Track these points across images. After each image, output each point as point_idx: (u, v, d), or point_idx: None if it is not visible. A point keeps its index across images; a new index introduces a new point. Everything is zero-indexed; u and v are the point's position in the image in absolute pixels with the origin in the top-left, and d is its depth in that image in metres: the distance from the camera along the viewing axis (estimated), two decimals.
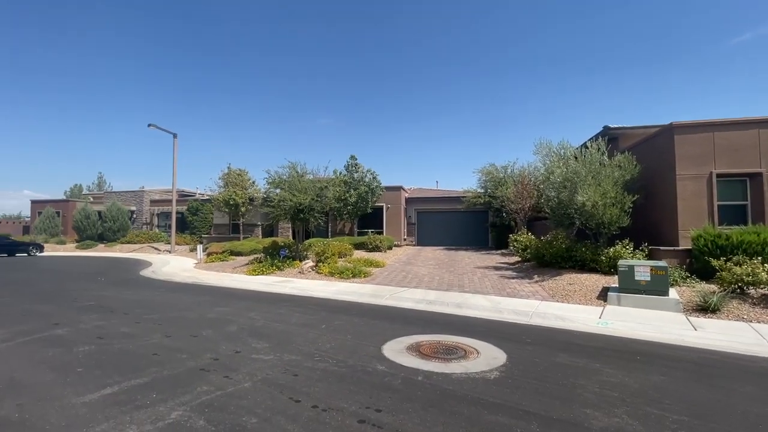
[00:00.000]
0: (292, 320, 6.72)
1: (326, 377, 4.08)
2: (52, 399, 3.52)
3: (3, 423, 3.09)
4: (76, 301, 8.29)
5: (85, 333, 5.75)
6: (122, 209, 30.07)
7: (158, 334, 5.71)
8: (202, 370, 4.26)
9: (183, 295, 9.48)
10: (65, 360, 4.57)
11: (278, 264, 13.50)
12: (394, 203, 23.92)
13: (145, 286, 11.07)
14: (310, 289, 9.91)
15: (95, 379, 3.97)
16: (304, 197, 13.32)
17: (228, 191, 23.94)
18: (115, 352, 4.89)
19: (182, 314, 7.17)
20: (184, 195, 34.17)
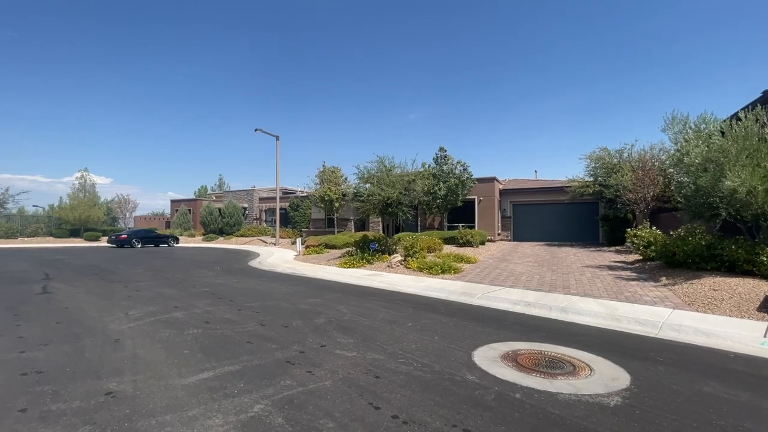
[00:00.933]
0: (378, 316, 6.55)
1: (409, 383, 3.74)
2: (159, 378, 3.83)
3: (121, 396, 3.42)
4: (194, 287, 9.40)
5: (196, 317, 6.36)
6: (237, 206, 34.09)
7: (254, 322, 6.04)
8: (288, 362, 4.28)
9: (281, 285, 10.10)
10: (176, 341, 5.04)
11: (368, 257, 13.68)
12: (487, 196, 22.60)
13: (251, 275, 12.15)
14: (398, 284, 9.73)
15: (196, 363, 4.26)
16: (392, 191, 13.22)
17: (323, 188, 25.30)
18: (216, 337, 5.26)
19: (278, 304, 7.55)
20: (287, 193, 37.33)
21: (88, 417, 3.06)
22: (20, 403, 3.30)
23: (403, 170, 14.50)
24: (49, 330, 5.59)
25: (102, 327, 5.75)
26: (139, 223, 44.98)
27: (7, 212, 33.61)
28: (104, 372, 3.99)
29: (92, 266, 14.08)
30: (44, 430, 2.88)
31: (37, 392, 3.50)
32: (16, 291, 8.78)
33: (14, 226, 31.63)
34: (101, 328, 5.68)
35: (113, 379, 3.81)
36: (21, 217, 33.65)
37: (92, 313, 6.70)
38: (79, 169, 36.44)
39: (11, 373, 3.96)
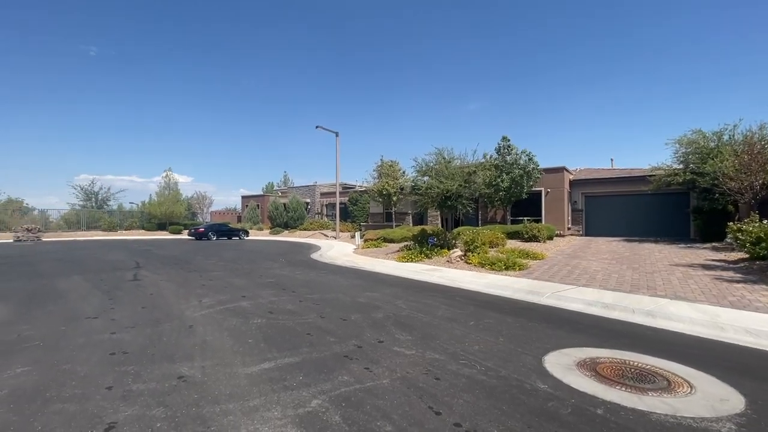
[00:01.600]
0: (437, 312, 6.31)
1: (472, 387, 3.47)
2: (225, 365, 3.97)
3: (191, 381, 3.59)
4: (261, 278, 9.88)
5: (261, 307, 6.62)
6: (300, 201, 35.62)
7: (314, 314, 6.12)
8: (346, 357, 4.22)
9: (340, 277, 10.25)
10: (242, 330, 5.25)
11: (426, 252, 13.41)
12: (555, 187, 21.06)
13: (312, 267, 12.52)
14: (458, 280, 9.36)
15: (259, 352, 4.37)
16: (452, 184, 12.78)
17: (381, 182, 25.41)
18: (278, 327, 5.40)
19: (337, 296, 7.62)
20: (346, 188, 38.20)
21: (162, 399, 3.23)
22: (107, 381, 3.59)
23: (462, 162, 13.96)
24: (136, 314, 6.15)
25: (179, 313, 6.21)
26: (214, 217, 49.07)
27: (109, 208, 38.55)
28: (178, 356, 4.24)
29: (174, 256, 15.52)
30: (124, 408, 3.09)
31: (121, 372, 3.81)
32: (113, 277, 9.90)
33: (114, 220, 36.20)
34: (178, 314, 6.13)
35: (185, 364, 4.03)
36: (120, 212, 38.42)
37: (171, 299, 7.29)
38: (164, 170, 40.64)
39: (103, 353, 4.37)
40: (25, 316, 6.08)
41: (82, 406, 3.13)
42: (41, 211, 34.86)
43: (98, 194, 39.39)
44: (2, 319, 5.89)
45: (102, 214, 36.86)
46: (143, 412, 3.02)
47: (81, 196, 38.94)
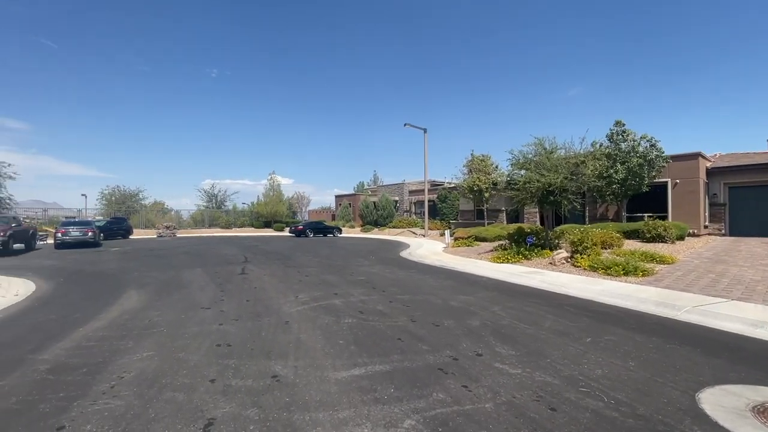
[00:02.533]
0: (544, 323, 5.51)
1: (602, 426, 2.78)
2: (316, 368, 3.88)
3: (284, 381, 3.56)
4: (352, 275, 10.01)
5: (352, 306, 6.57)
6: (389, 200, 36.13)
7: (405, 317, 5.83)
8: (440, 369, 3.82)
9: (430, 277, 9.85)
10: (333, 330, 5.20)
11: (524, 252, 12.25)
12: (687, 177, 17.62)
13: (401, 266, 12.35)
14: (565, 285, 8.24)
15: (349, 356, 4.21)
16: (555, 176, 11.42)
17: (472, 178, 24.30)
18: (369, 329, 5.23)
19: (428, 298, 7.25)
20: (435, 185, 37.63)
21: (256, 399, 3.22)
22: (212, 373, 3.76)
23: (568, 151, 12.40)
24: (241, 307, 6.59)
25: (277, 308, 6.48)
26: (311, 216, 52.68)
27: (225, 208, 44.04)
28: (274, 353, 4.31)
29: (276, 252, 16.83)
30: (223, 404, 3.14)
31: (224, 365, 3.97)
32: (225, 271, 11.00)
33: (230, 218, 41.29)
34: (276, 309, 6.39)
35: (279, 362, 4.05)
36: (234, 212, 43.66)
37: (272, 293, 7.71)
38: (269, 173, 45.01)
39: (211, 344, 4.66)
40: (156, 303, 6.95)
41: (188, 396, 3.28)
42: (176, 211, 41.48)
43: (217, 196, 45.26)
44: (142, 305, 6.81)
45: (220, 213, 42.27)
46: (239, 411, 3.03)
47: (204, 198, 45.20)
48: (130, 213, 36.65)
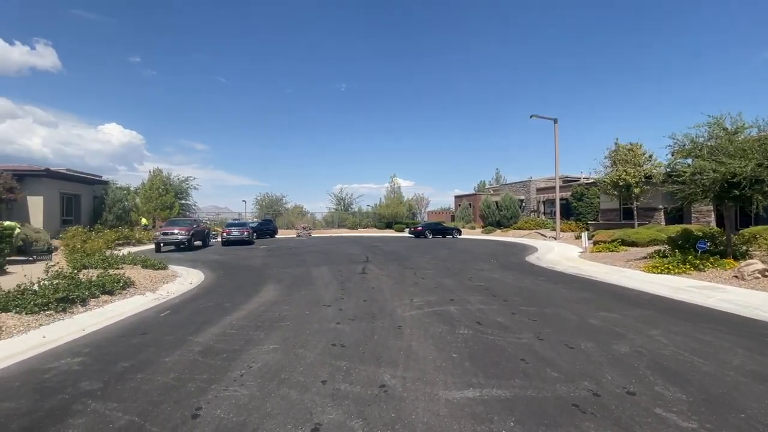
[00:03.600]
0: (730, 359, 4.11)
1: None
2: (425, 382, 3.58)
3: (391, 393, 3.36)
4: (470, 280, 9.42)
5: (469, 315, 6.08)
6: (513, 199, 33.71)
7: (530, 333, 5.08)
8: (575, 406, 3.10)
9: (562, 287, 8.59)
10: (447, 340, 4.83)
11: (694, 261, 9.73)
12: None
13: (527, 272, 11.16)
14: (761, 308, 6.15)
15: (463, 373, 3.79)
16: (742, 164, 8.71)
17: (616, 171, 20.81)
18: (486, 343, 4.69)
19: (559, 312, 6.26)
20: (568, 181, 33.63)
21: (362, 409, 3.09)
22: (324, 374, 3.81)
23: (762, 130, 9.38)
24: (358, 307, 6.75)
25: (391, 311, 6.42)
26: (430, 217, 52.91)
27: (352, 210, 47.57)
28: (384, 359, 4.18)
29: (395, 252, 17.20)
30: (330, 409, 3.10)
31: (336, 367, 4.00)
32: (347, 270, 11.64)
33: (355, 220, 44.48)
34: (390, 312, 6.34)
35: (389, 370, 3.88)
36: (359, 213, 46.87)
37: (387, 295, 7.74)
38: (390, 176, 46.92)
39: (327, 342, 4.81)
40: (288, 297, 7.66)
41: (300, 396, 3.35)
42: (311, 214, 46.61)
43: (345, 200, 49.21)
44: (276, 298, 7.59)
45: (347, 215, 45.86)
46: (344, 420, 2.93)
47: (334, 201, 49.70)
48: (276, 215, 42.66)
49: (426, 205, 51.37)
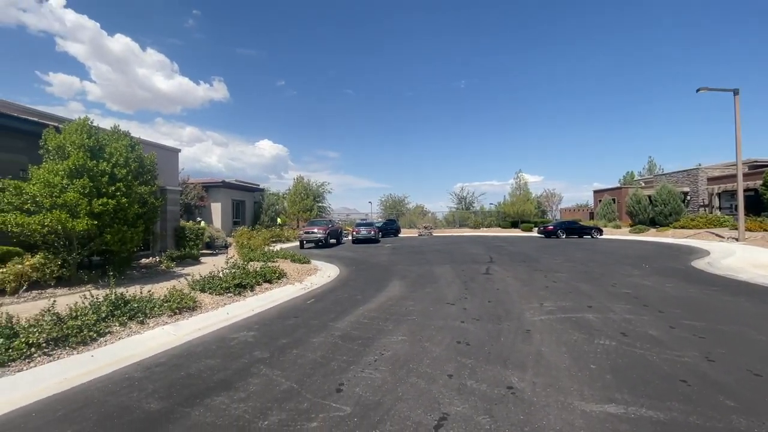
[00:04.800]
0: None
1: None
2: (558, 389, 3.38)
3: (519, 396, 3.29)
4: (613, 286, 8.29)
5: (611, 324, 5.41)
6: (673, 191, 28.10)
7: (695, 352, 4.26)
8: None
9: (748, 301, 6.87)
10: (583, 350, 4.41)
11: None
12: None
13: (694, 280, 9.23)
14: None
15: (603, 386, 3.44)
16: None
17: None
18: (634, 357, 4.13)
19: (740, 330, 5.05)
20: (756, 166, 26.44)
21: (489, 407, 3.11)
22: (449, 369, 3.93)
23: None
24: (482, 307, 6.66)
25: (518, 314, 6.15)
26: (564, 215, 47.92)
27: (473, 210, 46.43)
28: (511, 362, 4.07)
29: (522, 253, 16.19)
30: (457, 402, 3.20)
31: (461, 364, 4.08)
32: (470, 269, 11.50)
33: (477, 219, 43.21)
34: (517, 315, 6.07)
35: (516, 373, 3.78)
36: (481, 212, 45.41)
37: (514, 297, 7.41)
38: (515, 172, 44.17)
39: (451, 339, 4.92)
40: (412, 294, 8.03)
41: (428, 385, 3.54)
42: (432, 213, 47.16)
43: (466, 198, 48.36)
44: (402, 294, 8.04)
45: (469, 214, 44.93)
46: (471, 414, 3.00)
47: (455, 200, 49.31)
48: (398, 215, 44.57)
49: (558, 202, 46.77)
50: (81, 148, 7.73)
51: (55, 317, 4.70)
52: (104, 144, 8.24)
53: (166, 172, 13.09)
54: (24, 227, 7.06)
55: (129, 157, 8.51)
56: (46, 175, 7.31)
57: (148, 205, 9.12)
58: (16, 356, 3.95)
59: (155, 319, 5.57)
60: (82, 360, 4.18)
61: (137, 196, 8.60)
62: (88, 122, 8.36)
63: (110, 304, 5.44)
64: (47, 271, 7.21)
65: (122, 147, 8.44)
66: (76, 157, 7.54)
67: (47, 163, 7.67)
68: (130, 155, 8.56)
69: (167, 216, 13.72)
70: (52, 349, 4.26)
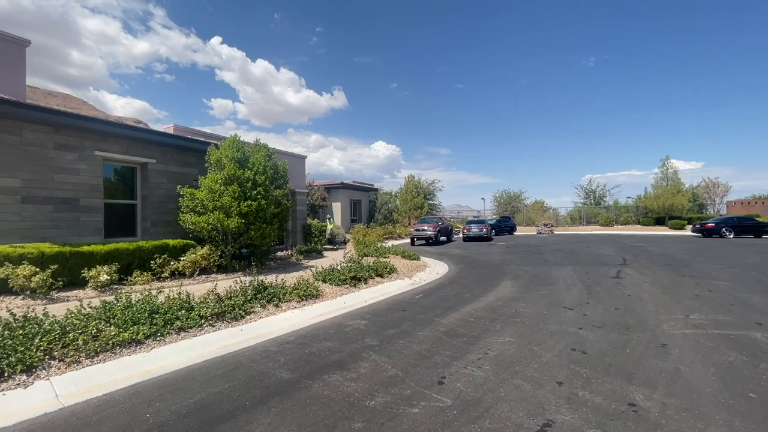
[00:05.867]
0: None
1: None
2: (696, 416, 2.88)
3: (643, 415, 2.92)
4: None
5: None
6: None
7: None
8: None
9: None
10: (741, 375, 3.62)
11: None
12: None
13: None
14: None
15: (765, 419, 2.79)
16: None
17: None
18: None
19: None
20: None
21: (602, 421, 2.84)
22: (560, 375, 3.68)
23: None
24: (607, 314, 5.95)
25: (653, 325, 5.32)
26: (732, 209, 38.71)
27: (604, 204, 40.84)
28: (636, 378, 3.60)
29: (667, 255, 13.68)
30: (565, 411, 3.00)
31: (574, 372, 3.77)
32: (596, 272, 10.26)
33: (609, 215, 37.73)
34: (652, 326, 5.26)
35: (642, 390, 3.33)
36: (615, 207, 39.53)
37: (649, 306, 6.40)
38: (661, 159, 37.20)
39: (565, 345, 4.56)
40: (524, 295, 7.61)
41: (533, 390, 3.39)
42: (554, 209, 43.10)
43: (595, 192, 42.87)
44: (512, 295, 7.70)
45: (599, 209, 39.66)
46: (579, 425, 2.79)
47: (581, 194, 44.16)
48: (514, 212, 42.02)
49: (724, 194, 37.95)
50: (232, 160, 9.44)
51: (216, 297, 5.90)
52: (248, 155, 9.89)
53: (295, 177, 14.97)
54: (196, 225, 8.98)
55: (266, 165, 10.04)
56: (209, 183, 9.15)
57: (281, 205, 10.60)
58: (193, 324, 5.11)
59: (286, 304, 6.51)
60: (234, 332, 5.17)
61: (273, 199, 10.07)
62: (237, 138, 10.15)
63: (254, 289, 6.56)
64: (211, 259, 9.02)
65: (261, 157, 10.00)
66: (229, 167, 9.25)
67: (210, 173, 9.58)
68: (267, 164, 10.08)
69: (297, 215, 15.68)
70: (214, 321, 5.37)
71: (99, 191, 8.62)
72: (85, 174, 8.34)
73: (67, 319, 4.48)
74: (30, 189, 7.50)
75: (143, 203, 9.78)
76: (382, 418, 2.95)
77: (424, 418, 2.95)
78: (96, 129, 8.57)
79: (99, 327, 4.43)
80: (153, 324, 4.80)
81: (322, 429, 2.82)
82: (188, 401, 3.27)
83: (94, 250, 7.37)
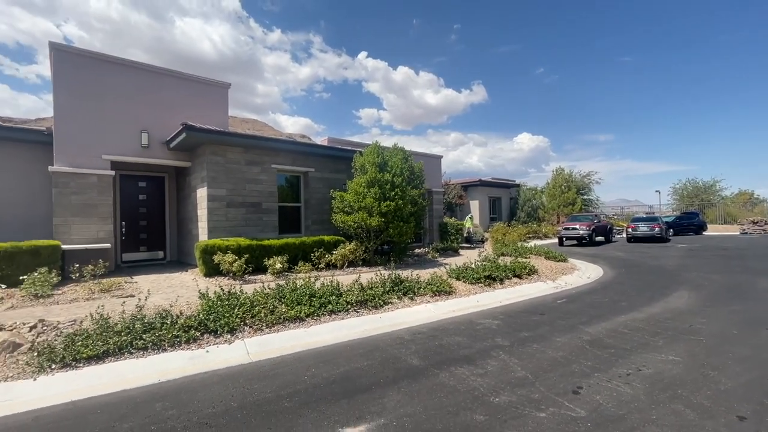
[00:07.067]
0: None
1: None
2: None
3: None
4: None
5: None
6: None
7: None
8: None
9: None
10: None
11: None
12: None
13: None
14: None
15: None
16: None
17: None
18: None
19: None
20: None
21: None
22: (744, 409, 2.95)
23: None
24: None
25: None
26: None
27: None
28: None
29: None
30: None
31: (766, 407, 2.96)
32: None
33: None
34: None
35: None
36: None
37: None
38: None
39: (759, 373, 3.58)
40: (705, 309, 6.17)
41: (700, 419, 2.82)
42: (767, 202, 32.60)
43: None
44: (688, 308, 6.34)
45: None
46: None
47: None
48: (703, 206, 33.53)
49: None
50: (373, 165, 10.41)
51: (360, 286, 6.68)
52: (387, 159, 10.73)
53: (431, 176, 15.43)
54: (344, 223, 10.26)
55: (403, 167, 10.70)
56: (355, 186, 10.31)
57: (417, 204, 11.13)
58: (341, 309, 5.94)
59: (420, 298, 6.88)
60: (374, 319, 5.78)
61: (410, 198, 10.67)
62: (377, 145, 11.12)
63: (391, 282, 7.14)
64: (357, 254, 10.16)
65: (398, 160, 10.72)
66: (371, 171, 10.24)
67: (355, 177, 10.78)
68: (403, 166, 10.74)
69: (433, 213, 16.14)
70: (358, 308, 6.10)
71: (275, 196, 10.70)
72: (265, 183, 10.48)
73: (254, 297, 5.80)
74: (231, 196, 9.86)
75: (305, 205, 11.67)
76: (506, 416, 2.93)
77: (551, 424, 2.81)
78: (272, 147, 10.66)
79: (274, 304, 5.60)
80: (311, 305, 5.78)
81: (445, 414, 2.99)
82: (335, 371, 3.89)
83: (272, 244, 9.21)
